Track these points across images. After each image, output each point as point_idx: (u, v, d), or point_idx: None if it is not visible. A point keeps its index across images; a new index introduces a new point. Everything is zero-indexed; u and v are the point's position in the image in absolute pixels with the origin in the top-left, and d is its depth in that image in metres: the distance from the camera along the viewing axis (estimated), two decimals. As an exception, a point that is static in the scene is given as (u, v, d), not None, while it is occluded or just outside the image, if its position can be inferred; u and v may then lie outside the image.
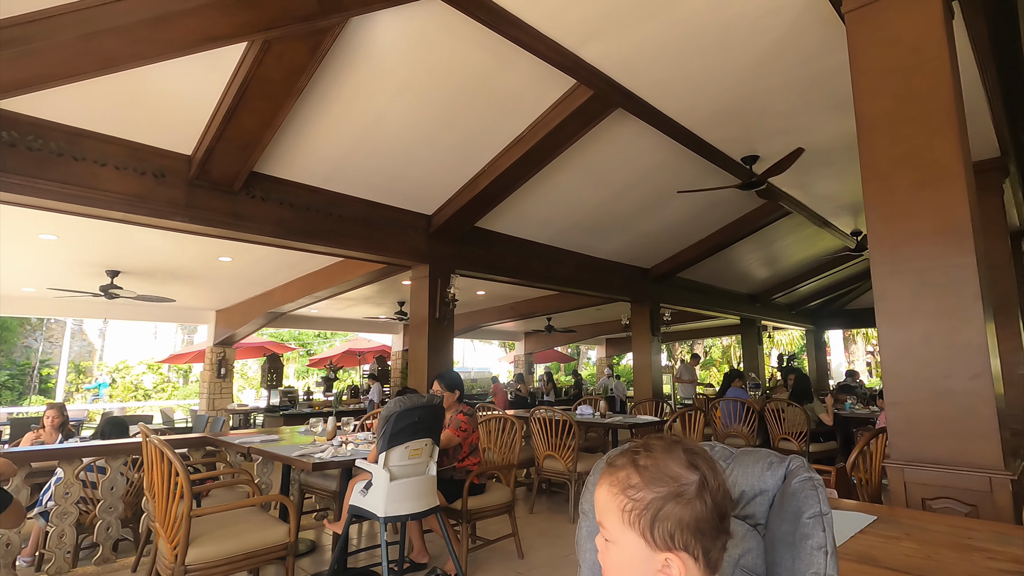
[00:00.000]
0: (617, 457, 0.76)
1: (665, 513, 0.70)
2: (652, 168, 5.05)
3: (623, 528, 0.71)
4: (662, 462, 0.73)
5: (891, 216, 2.30)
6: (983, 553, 1.23)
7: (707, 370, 21.22)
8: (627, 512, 0.71)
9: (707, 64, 3.41)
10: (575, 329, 13.08)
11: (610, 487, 0.74)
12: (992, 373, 2.07)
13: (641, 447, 0.75)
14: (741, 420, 5.84)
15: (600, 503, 0.75)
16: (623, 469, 0.74)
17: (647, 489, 0.71)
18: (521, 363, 15.52)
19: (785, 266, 9.88)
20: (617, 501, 0.72)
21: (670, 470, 0.72)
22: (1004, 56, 3.66)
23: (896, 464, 2.20)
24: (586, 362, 24.27)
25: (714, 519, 0.71)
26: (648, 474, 0.72)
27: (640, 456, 0.74)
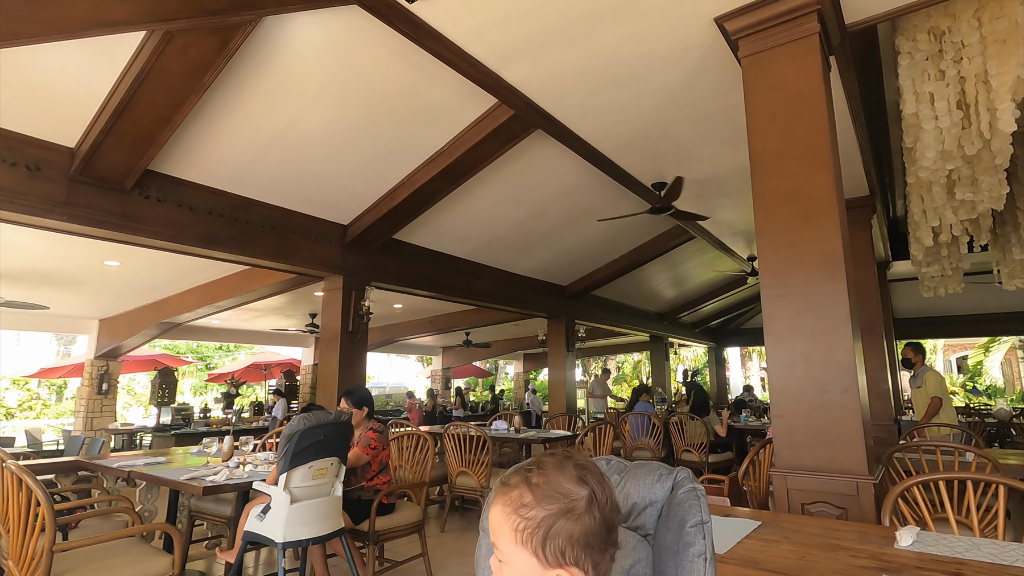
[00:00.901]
0: (511, 476, 0.77)
1: (556, 530, 0.71)
2: (569, 189, 5.22)
3: (516, 548, 0.72)
4: (553, 479, 0.74)
5: (778, 244, 2.53)
6: (847, 551, 1.36)
7: (619, 385, 22.04)
8: (519, 532, 0.72)
9: (621, 94, 3.59)
10: (492, 344, 13.14)
11: (503, 507, 0.74)
12: (859, 388, 2.32)
13: (534, 465, 0.76)
14: (648, 433, 6.10)
15: (494, 523, 0.74)
16: (516, 488, 0.74)
17: (539, 507, 0.72)
18: (439, 378, 15.33)
19: (690, 287, 10.52)
20: (510, 521, 0.72)
21: (561, 487, 0.73)
22: (871, 109, 4.17)
23: (780, 472, 2.38)
24: (504, 377, 24.40)
25: (603, 532, 0.72)
26: (540, 492, 0.73)
27: (532, 474, 0.75)
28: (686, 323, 12.75)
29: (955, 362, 20.81)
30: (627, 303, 9.85)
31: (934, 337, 17.14)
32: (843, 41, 2.92)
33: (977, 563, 1.27)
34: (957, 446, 2.80)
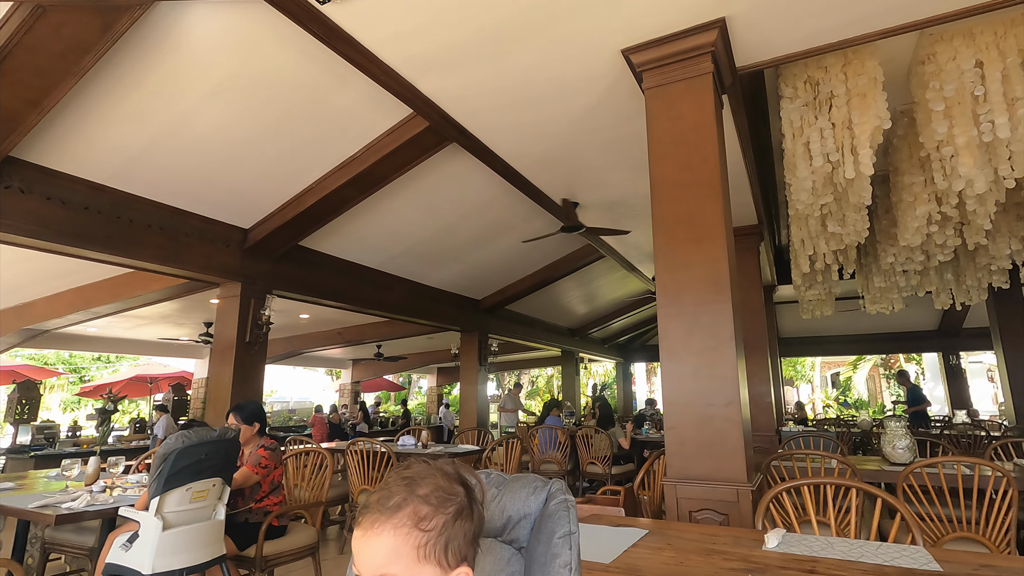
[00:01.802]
0: (382, 501, 0.73)
1: (456, 531, 0.72)
2: (484, 203, 5.26)
3: (419, 565, 0.70)
4: (438, 483, 0.74)
5: (674, 266, 2.68)
6: (721, 555, 1.45)
7: (533, 399, 22.34)
8: (423, 547, 0.70)
9: (535, 113, 3.69)
10: (406, 356, 12.87)
11: (395, 531, 0.71)
12: (741, 401, 2.50)
13: (406, 481, 0.75)
14: (556, 447, 6.21)
15: (383, 551, 0.70)
16: (403, 507, 0.72)
17: (438, 515, 0.72)
18: (348, 392, 14.75)
19: (601, 304, 10.93)
20: (410, 540, 0.70)
21: (449, 488, 0.74)
22: (760, 145, 4.57)
23: (671, 482, 2.51)
24: (417, 391, 23.95)
25: (481, 524, 0.75)
26: (434, 499, 0.73)
27: (416, 487, 0.74)
28: (596, 339, 13.19)
29: (830, 378, 23.08)
30: (540, 318, 10.04)
31: (812, 355, 18.97)
32: (734, 82, 3.19)
33: (829, 560, 1.40)
34: (824, 454, 3.09)
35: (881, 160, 4.61)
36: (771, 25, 2.74)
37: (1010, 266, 5.71)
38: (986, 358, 15.10)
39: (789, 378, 21.61)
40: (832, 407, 19.13)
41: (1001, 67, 3.00)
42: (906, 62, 3.44)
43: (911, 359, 18.67)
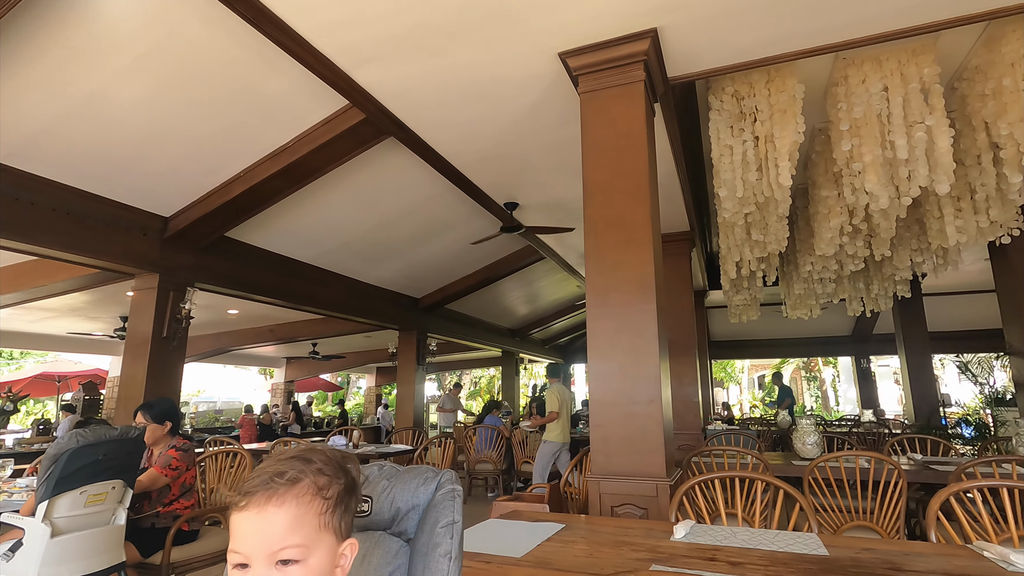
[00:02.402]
0: (276, 477, 0.72)
1: (348, 503, 0.75)
2: (424, 200, 5.21)
3: (320, 535, 0.71)
4: (327, 457, 0.76)
5: (603, 267, 2.75)
6: (631, 547, 1.49)
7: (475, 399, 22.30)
8: (324, 514, 0.71)
9: (474, 111, 3.68)
10: (344, 355, 12.54)
11: (298, 499, 0.71)
12: (663, 400, 2.59)
13: (292, 459, 0.75)
14: (492, 446, 6.22)
15: (286, 522, 0.69)
16: (302, 479, 0.73)
17: (335, 483, 0.74)
18: (280, 392, 14.20)
19: (542, 305, 11.05)
20: (313, 508, 0.71)
21: (337, 463, 0.76)
22: (692, 154, 4.76)
23: (594, 478, 2.56)
24: (356, 391, 23.39)
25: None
26: (328, 471, 0.74)
27: (306, 463, 0.74)
28: (537, 340, 13.33)
29: (757, 379, 24.33)
30: (481, 318, 10.04)
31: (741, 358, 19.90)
32: (666, 91, 3.30)
33: (730, 548, 1.47)
34: (740, 450, 3.24)
35: (801, 174, 4.92)
36: (700, 39, 2.86)
37: (911, 277, 6.21)
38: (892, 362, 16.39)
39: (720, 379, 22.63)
40: (758, 407, 20.17)
41: (903, 92, 3.26)
42: (823, 83, 3.67)
43: (828, 362, 19.98)
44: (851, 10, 2.64)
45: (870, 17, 2.69)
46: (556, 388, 5.97)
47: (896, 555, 1.41)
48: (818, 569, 1.29)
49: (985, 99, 3.29)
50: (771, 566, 1.32)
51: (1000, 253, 5.23)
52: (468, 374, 23.48)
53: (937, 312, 9.10)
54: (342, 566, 0.73)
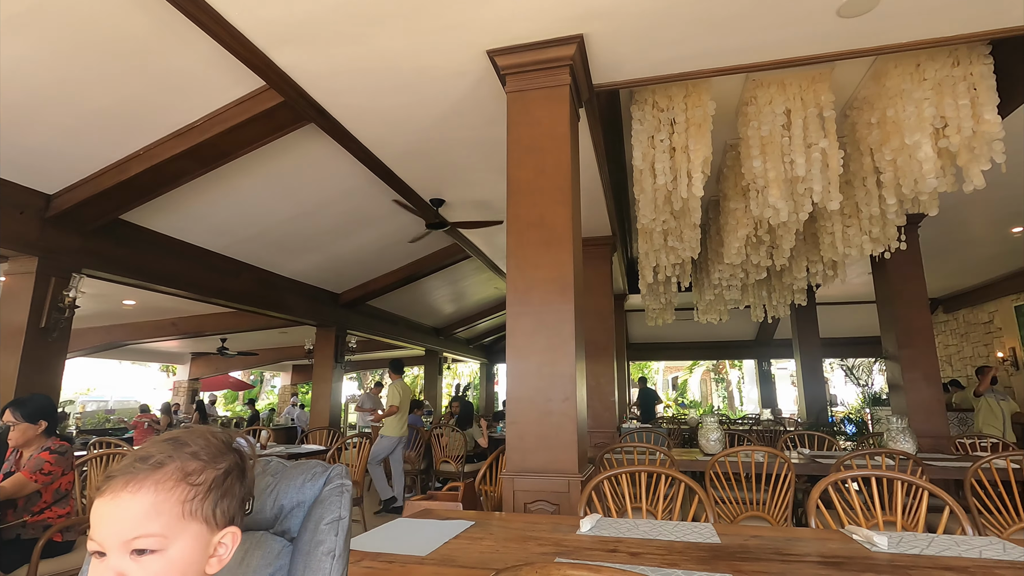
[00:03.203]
0: (139, 461, 0.67)
1: (228, 489, 0.69)
2: (346, 192, 5.03)
3: (183, 524, 0.65)
4: (209, 441, 0.70)
5: (524, 266, 2.77)
6: (537, 541, 1.50)
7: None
8: (190, 501, 0.66)
9: (400, 103, 3.59)
10: (256, 352, 11.88)
11: (157, 486, 0.65)
12: (578, 398, 2.64)
13: (165, 442, 0.69)
14: (411, 446, 6.11)
15: (140, 510, 0.63)
16: (167, 464, 0.67)
17: (210, 468, 0.69)
18: (184, 390, 13.23)
19: (467, 303, 11.01)
20: (175, 495, 0.65)
21: (220, 446, 0.71)
22: (615, 161, 4.92)
23: (509, 475, 2.57)
24: (270, 390, 22.26)
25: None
26: (204, 455, 0.69)
27: (180, 446, 0.69)
28: (462, 339, 13.28)
29: (671, 381, 25.58)
30: (404, 316, 9.86)
31: (657, 360, 20.83)
32: (591, 97, 3.39)
33: (631, 539, 1.52)
34: (649, 446, 3.38)
35: (715, 186, 5.22)
36: (624, 49, 2.95)
37: (807, 287, 6.76)
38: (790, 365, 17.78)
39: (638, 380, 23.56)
40: (672, 407, 21.20)
41: (803, 115, 3.53)
42: (736, 102, 3.92)
43: (734, 365, 21.37)
44: (758, 35, 2.82)
45: (775, 43, 2.90)
46: (398, 384, 6.16)
47: (779, 541, 1.52)
48: (709, 556, 1.36)
49: (871, 127, 3.64)
50: (668, 555, 1.38)
51: (880, 267, 5.81)
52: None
53: (828, 320, 9.97)
54: (219, 556, 0.68)
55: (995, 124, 3.10)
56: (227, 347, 10.46)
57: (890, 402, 5.78)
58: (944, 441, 5.04)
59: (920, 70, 3.29)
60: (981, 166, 3.18)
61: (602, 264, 6.23)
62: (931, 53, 3.25)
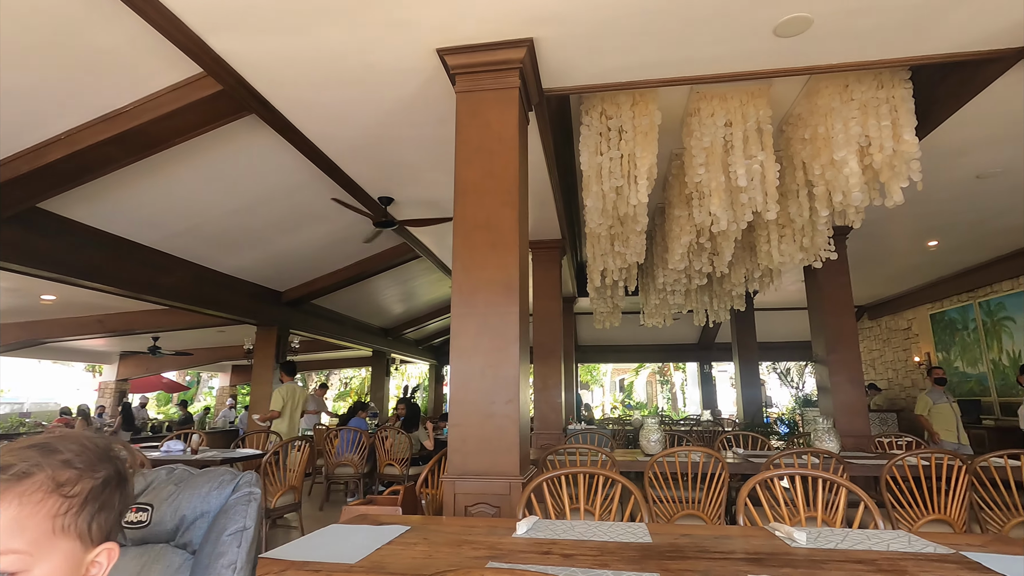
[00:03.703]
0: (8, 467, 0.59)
1: (106, 501, 0.62)
2: (290, 187, 4.87)
3: (53, 541, 0.58)
4: (84, 446, 0.63)
5: (470, 267, 2.75)
6: (471, 545, 1.49)
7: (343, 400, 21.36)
8: (62, 516, 0.59)
9: (348, 98, 3.50)
10: (191, 352, 11.31)
11: (22, 499, 0.57)
12: (520, 400, 2.65)
13: (31, 448, 0.61)
14: (354, 449, 5.97)
15: (4, 527, 0.56)
16: (34, 473, 0.59)
17: (86, 478, 0.61)
18: (111, 391, 12.44)
19: (417, 304, 10.87)
20: (44, 509, 0.58)
21: (97, 452, 0.64)
22: (565, 165, 4.98)
23: (450, 478, 2.55)
24: (207, 391, 21.28)
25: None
26: (79, 463, 0.62)
27: (50, 452, 0.61)
28: (411, 340, 13.10)
29: (619, 383, 26.12)
30: (351, 315, 9.63)
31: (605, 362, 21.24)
32: (541, 101, 3.41)
33: (565, 541, 1.53)
34: (592, 448, 3.43)
35: (661, 193, 5.37)
36: (572, 55, 2.99)
37: (745, 292, 7.05)
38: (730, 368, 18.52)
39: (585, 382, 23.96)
40: (618, 408, 21.65)
41: (744, 128, 3.68)
42: (681, 112, 4.04)
43: (678, 367, 22.05)
44: (701, 49, 2.92)
45: (717, 57, 3.00)
46: (285, 387, 6.15)
47: (708, 539, 1.57)
48: (640, 556, 1.39)
49: (804, 143, 3.83)
50: (600, 555, 1.39)
51: (812, 276, 6.13)
52: (338, 374, 22.44)
53: (765, 325, 10.44)
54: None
55: (913, 144, 3.33)
56: (159, 346, 9.91)
57: (818, 403, 6.10)
58: (865, 440, 5.36)
59: (848, 90, 3.49)
60: (900, 183, 3.41)
61: (551, 267, 6.29)
62: (858, 75, 3.46)
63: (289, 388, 6.19)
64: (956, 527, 2.86)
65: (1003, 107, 3.56)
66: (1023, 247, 6.87)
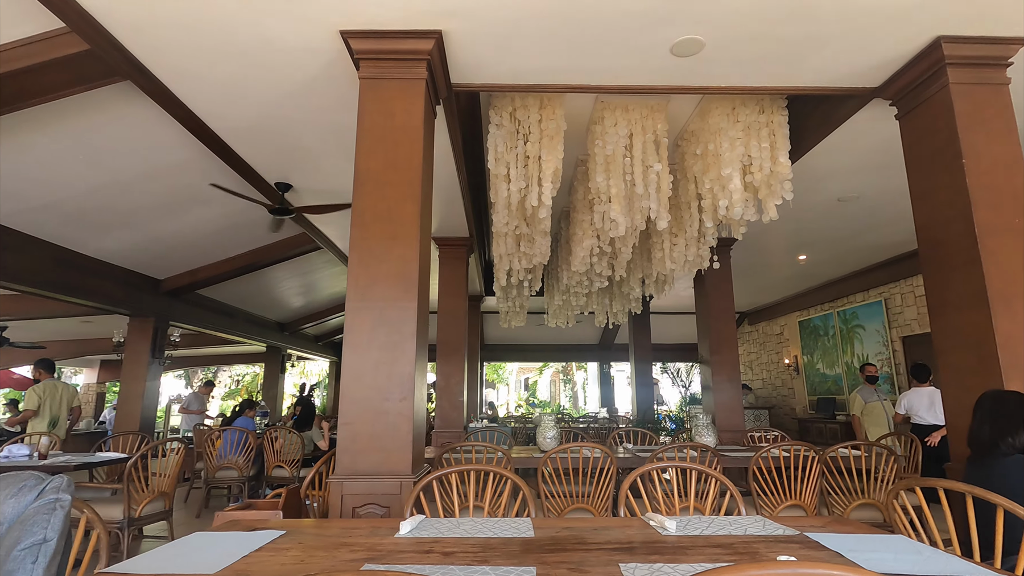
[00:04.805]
0: None
1: None
2: (173, 165, 4.45)
3: None
4: None
5: (367, 260, 2.66)
6: (349, 548, 1.43)
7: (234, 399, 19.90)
8: None
9: (242, 74, 3.25)
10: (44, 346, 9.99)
11: None
12: (415, 397, 2.60)
13: None
14: (240, 451, 5.57)
15: None
16: None
17: None
18: (-58, 389, 10.69)
19: (318, 298, 10.37)
20: None
21: None
22: (475, 163, 4.97)
23: (338, 479, 2.44)
24: (69, 389, 18.86)
25: None
26: None
27: None
28: (310, 335, 12.49)
29: (523, 381, 26.57)
30: (243, 308, 9.00)
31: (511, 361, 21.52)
32: (450, 96, 3.37)
33: (448, 539, 1.52)
34: (489, 445, 3.45)
35: (567, 197, 5.52)
36: (482, 52, 2.98)
37: (642, 296, 7.44)
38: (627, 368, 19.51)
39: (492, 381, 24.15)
40: (523, 406, 22.03)
41: (643, 139, 3.88)
42: (586, 120, 4.17)
43: (580, 367, 22.86)
44: (606, 60, 3.03)
45: (619, 70, 3.13)
46: (42, 386, 5.77)
47: (587, 531, 1.62)
48: (520, 551, 1.40)
49: (696, 158, 4.10)
50: (481, 552, 1.39)
51: (699, 282, 6.59)
52: (228, 371, 20.90)
53: (660, 328, 11.09)
54: None
55: (786, 167, 3.68)
56: (7, 336, 8.65)
57: (701, 401, 6.58)
58: (740, 435, 5.85)
59: (735, 112, 3.79)
60: (775, 201, 3.75)
61: (458, 265, 6.26)
62: (744, 99, 3.76)
63: (48, 386, 5.68)
64: (808, 511, 3.19)
65: (860, 140, 4.03)
66: (873, 264, 7.84)
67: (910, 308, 7.54)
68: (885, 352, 7.98)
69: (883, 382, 7.96)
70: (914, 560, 1.29)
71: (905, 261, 7.26)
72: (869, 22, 2.74)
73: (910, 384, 6.12)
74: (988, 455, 2.03)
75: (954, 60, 2.87)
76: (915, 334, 7.42)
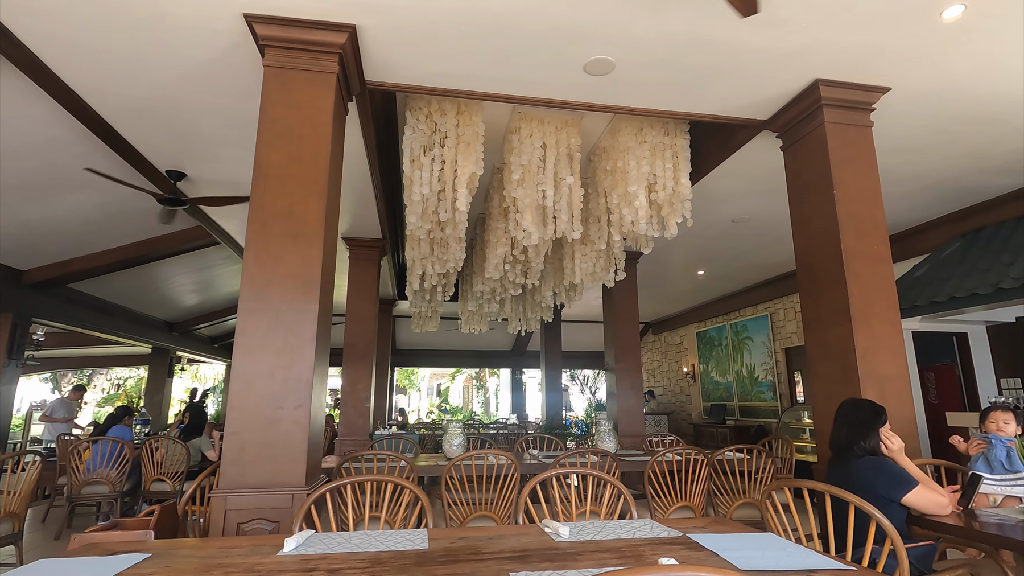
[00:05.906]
0: None
1: None
2: (42, 144, 3.97)
3: None
4: None
5: (264, 259, 2.50)
6: (224, 569, 1.32)
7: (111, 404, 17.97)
8: None
9: (130, 49, 2.95)
10: None
11: None
12: (312, 404, 2.47)
13: None
14: (113, 463, 5.02)
15: None
16: None
17: None
18: None
19: (215, 296, 9.65)
20: None
21: None
22: (390, 163, 4.85)
23: (221, 493, 2.26)
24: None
25: None
26: None
27: None
28: (204, 336, 11.59)
29: (436, 387, 26.26)
30: (126, 305, 8.18)
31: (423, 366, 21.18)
32: (363, 93, 3.27)
33: (336, 555, 1.45)
34: (391, 454, 3.35)
35: (482, 204, 5.53)
36: (398, 52, 2.92)
37: (553, 304, 7.61)
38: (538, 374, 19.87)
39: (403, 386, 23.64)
40: (434, 412, 21.74)
41: (556, 152, 3.97)
42: (503, 129, 4.21)
43: (493, 373, 22.98)
44: (522, 71, 3.08)
45: (535, 82, 3.19)
46: None
47: (483, 540, 1.61)
48: (412, 564, 1.36)
49: (607, 174, 4.27)
50: (371, 567, 1.34)
51: (608, 293, 6.86)
52: (105, 373, 18.89)
53: (571, 335, 11.40)
54: None
55: (687, 187, 3.92)
56: None
57: (605, 407, 6.82)
58: (640, 440, 6.13)
59: (642, 133, 3.99)
60: (676, 219, 3.98)
61: (369, 267, 6.08)
62: (650, 121, 3.97)
63: None
64: (697, 511, 3.40)
65: (752, 166, 4.38)
66: (761, 281, 8.55)
67: (791, 322, 8.29)
68: (770, 362, 8.71)
69: (767, 390, 8.68)
70: (777, 556, 1.40)
71: (787, 279, 7.99)
72: (760, 59, 2.99)
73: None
74: (845, 457, 2.26)
75: (829, 102, 3.20)
76: (795, 346, 8.17)
